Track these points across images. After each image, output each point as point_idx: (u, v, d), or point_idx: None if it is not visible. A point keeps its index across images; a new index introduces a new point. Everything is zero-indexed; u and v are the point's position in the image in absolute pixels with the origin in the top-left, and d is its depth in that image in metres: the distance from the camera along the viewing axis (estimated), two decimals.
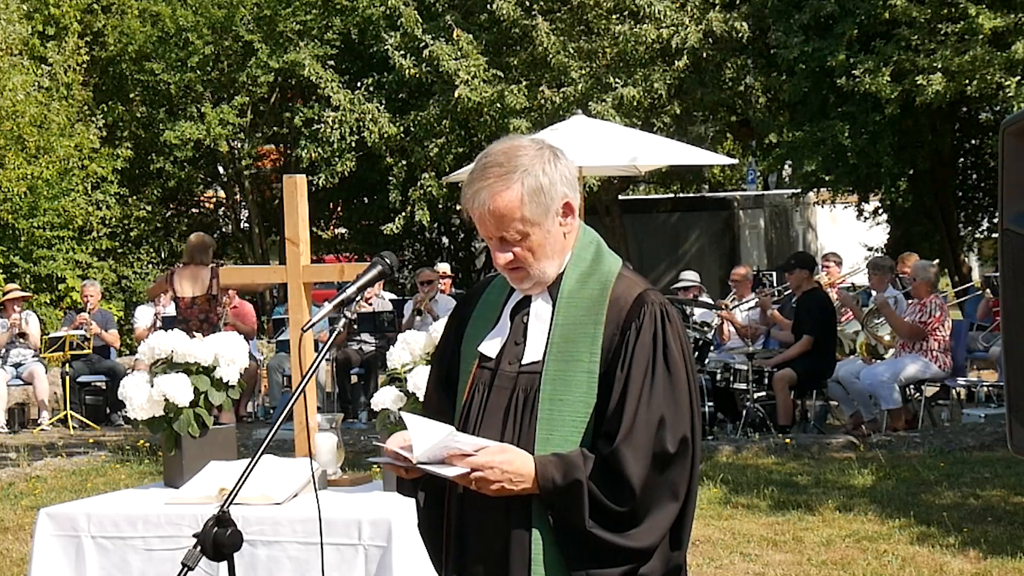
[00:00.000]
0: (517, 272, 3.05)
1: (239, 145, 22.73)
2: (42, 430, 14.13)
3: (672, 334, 3.00)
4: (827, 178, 19.49)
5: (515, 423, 3.02)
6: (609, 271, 3.08)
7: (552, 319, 3.06)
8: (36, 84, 18.81)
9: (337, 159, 20.43)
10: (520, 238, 3.00)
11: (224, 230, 25.03)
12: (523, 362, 3.06)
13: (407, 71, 18.93)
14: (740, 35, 18.12)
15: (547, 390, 2.99)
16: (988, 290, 13.79)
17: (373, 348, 13.86)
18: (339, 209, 25.17)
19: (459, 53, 18.62)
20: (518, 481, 2.91)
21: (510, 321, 3.12)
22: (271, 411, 14.28)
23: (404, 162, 20.15)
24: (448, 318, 3.35)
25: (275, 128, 23.57)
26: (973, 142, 22.71)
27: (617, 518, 2.91)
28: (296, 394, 3.16)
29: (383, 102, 20.33)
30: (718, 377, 12.20)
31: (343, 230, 25.39)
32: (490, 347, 3.12)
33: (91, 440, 13.05)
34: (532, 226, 2.99)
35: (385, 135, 19.66)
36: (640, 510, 2.91)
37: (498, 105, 18.47)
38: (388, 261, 3.26)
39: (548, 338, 3.04)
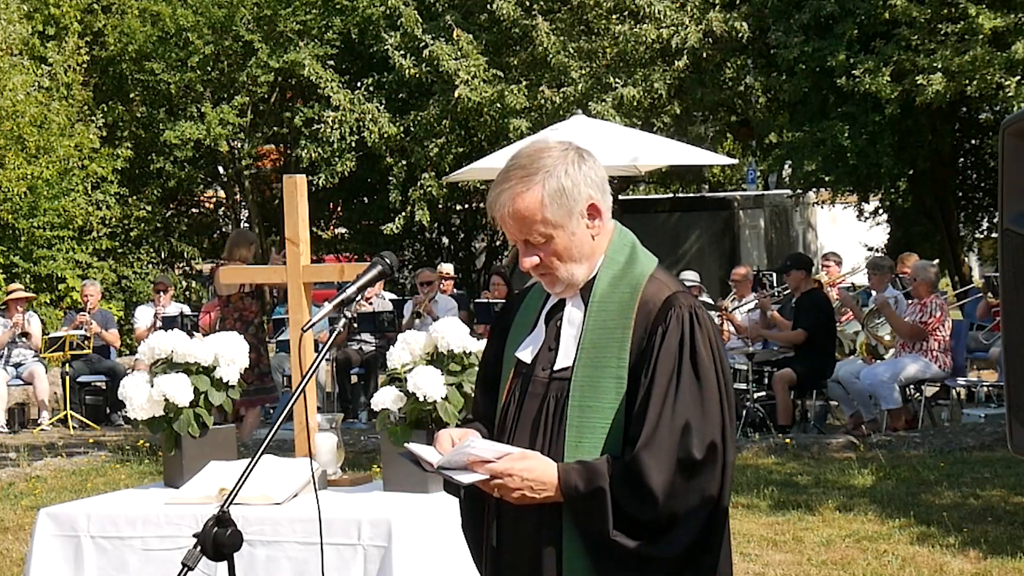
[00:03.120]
0: (546, 276, 3.04)
1: (239, 145, 22.72)
2: (42, 430, 14.13)
3: (702, 338, 2.95)
4: (827, 178, 19.49)
5: (546, 430, 3.00)
6: (641, 273, 3.04)
7: (583, 324, 3.03)
8: (36, 84, 18.81)
9: (337, 159, 20.43)
10: (544, 241, 2.97)
11: (224, 230, 25.02)
12: (555, 368, 3.04)
13: (407, 71, 18.93)
14: (740, 35, 18.12)
15: (576, 396, 2.97)
16: (989, 293, 13.77)
17: (373, 348, 13.86)
18: (339, 209, 25.16)
19: (459, 53, 18.62)
20: (539, 488, 2.89)
21: (545, 326, 3.11)
22: (271, 411, 14.28)
23: (404, 162, 20.15)
24: (492, 324, 3.33)
25: (275, 128, 23.55)
26: (973, 142, 22.70)
27: (642, 526, 2.86)
28: (296, 394, 3.16)
29: (383, 102, 20.33)
30: None
31: (343, 230, 25.38)
32: (526, 353, 3.10)
33: (91, 440, 13.05)
34: (555, 228, 2.97)
35: (385, 135, 19.66)
36: (666, 518, 2.86)
37: (498, 105, 18.46)
38: (388, 261, 3.26)
39: (579, 343, 3.01)
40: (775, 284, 15.38)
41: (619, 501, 2.85)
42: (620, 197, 23.19)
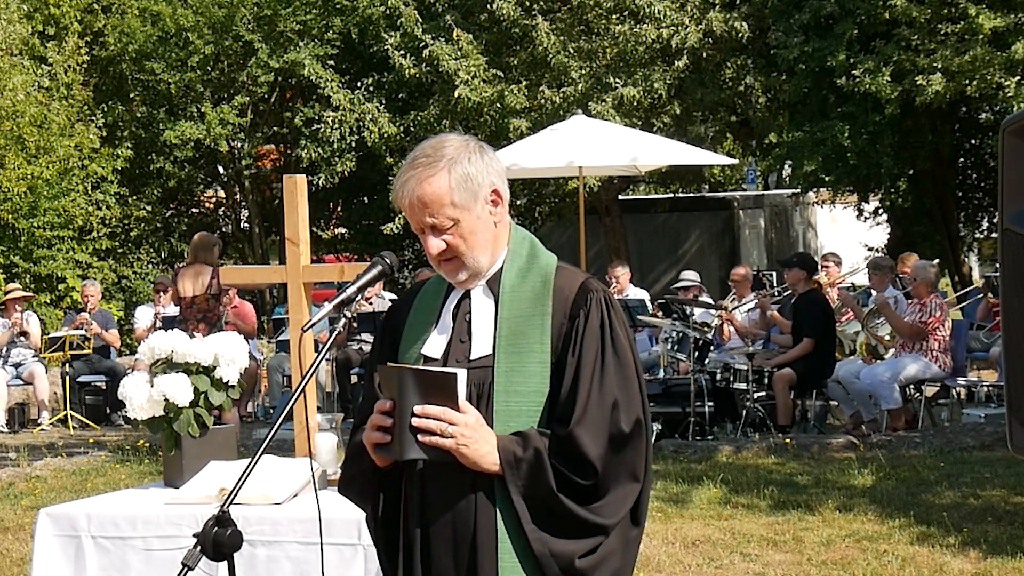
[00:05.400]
0: (451, 263, 3.07)
1: (239, 145, 22.73)
2: (42, 430, 14.13)
3: (617, 320, 3.06)
4: (827, 178, 19.50)
5: None
6: (548, 264, 3.13)
7: (497, 314, 3.08)
8: (36, 84, 18.82)
9: (337, 159, 20.44)
10: (451, 224, 3.03)
11: (224, 230, 25.03)
12: (471, 358, 3.07)
13: (407, 71, 18.93)
14: (740, 35, 18.12)
15: (501, 383, 3.01)
16: (990, 294, 13.77)
17: None
18: (339, 209, 25.17)
19: (459, 53, 18.62)
20: (484, 443, 2.93)
21: (452, 320, 3.13)
22: (271, 411, 14.28)
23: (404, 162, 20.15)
24: (381, 329, 3.34)
25: (275, 128, 23.58)
26: (973, 142, 22.72)
27: (581, 491, 2.94)
28: (296, 394, 3.16)
29: (383, 102, 20.34)
30: (718, 377, 12.19)
31: (343, 230, 25.40)
32: (434, 347, 3.12)
33: (91, 440, 13.05)
34: (462, 211, 3.02)
35: (385, 135, 19.67)
36: (602, 489, 2.95)
37: (498, 105, 18.47)
38: (388, 261, 3.25)
39: (496, 332, 3.06)
40: (775, 284, 15.38)
41: (558, 469, 2.93)
42: (620, 197, 23.22)
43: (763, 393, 12.03)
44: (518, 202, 22.01)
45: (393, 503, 3.15)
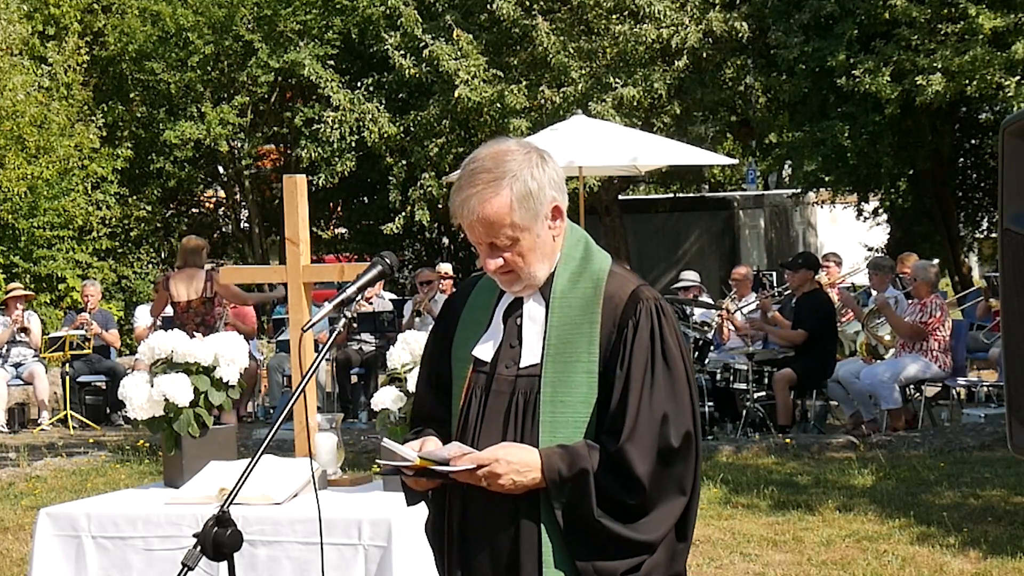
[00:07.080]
0: (508, 275, 3.05)
1: (239, 145, 22.73)
2: (42, 430, 14.13)
3: (668, 330, 3.01)
4: (827, 178, 19.49)
5: (516, 427, 3.01)
6: (600, 269, 3.07)
7: (546, 320, 3.05)
8: (36, 84, 18.82)
9: (337, 159, 20.44)
10: (510, 243, 2.99)
11: (224, 230, 25.02)
12: (520, 365, 3.05)
13: (407, 71, 18.93)
14: (740, 35, 18.12)
15: (547, 392, 2.99)
16: (992, 299, 13.75)
17: (373, 348, 13.86)
18: (339, 209, 25.17)
19: (459, 53, 18.62)
20: (525, 471, 2.91)
21: (503, 324, 3.11)
22: (271, 411, 14.28)
23: (404, 162, 20.16)
24: (436, 320, 3.33)
25: (275, 128, 23.57)
26: (973, 142, 22.72)
27: (626, 510, 2.92)
28: (296, 394, 3.16)
29: (383, 102, 20.34)
30: (718, 377, 12.19)
31: (343, 230, 25.40)
32: (484, 351, 3.10)
33: (91, 440, 13.05)
34: (522, 231, 2.98)
35: (385, 135, 19.66)
36: (648, 504, 2.93)
37: (498, 105, 18.46)
38: (388, 261, 3.26)
39: (544, 340, 3.03)
40: (775, 284, 15.37)
41: (604, 487, 2.91)
42: (620, 197, 23.22)
43: (763, 393, 12.03)
44: None
45: (440, 512, 3.15)
